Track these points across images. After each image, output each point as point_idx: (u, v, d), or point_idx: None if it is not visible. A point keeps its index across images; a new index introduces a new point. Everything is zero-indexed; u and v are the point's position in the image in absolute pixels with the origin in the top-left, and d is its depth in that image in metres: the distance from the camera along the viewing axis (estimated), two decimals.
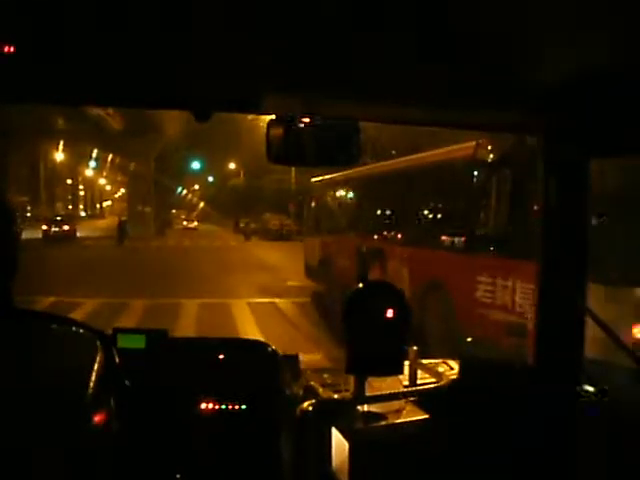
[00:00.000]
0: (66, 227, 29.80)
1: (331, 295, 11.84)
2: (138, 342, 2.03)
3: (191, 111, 1.92)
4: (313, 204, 15.44)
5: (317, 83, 1.78)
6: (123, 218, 35.41)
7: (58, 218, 32.02)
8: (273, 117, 1.95)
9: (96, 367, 1.42)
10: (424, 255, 8.52)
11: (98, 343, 1.52)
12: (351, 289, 1.88)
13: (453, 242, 7.70)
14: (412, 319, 1.84)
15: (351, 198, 13.33)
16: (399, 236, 9.94)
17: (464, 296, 7.15)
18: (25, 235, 25.15)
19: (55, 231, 28.94)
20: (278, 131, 1.94)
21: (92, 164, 54.35)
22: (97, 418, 1.36)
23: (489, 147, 6.89)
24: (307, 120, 1.91)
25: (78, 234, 31.32)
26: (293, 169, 21.01)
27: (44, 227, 28.76)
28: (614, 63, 1.53)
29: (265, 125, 1.95)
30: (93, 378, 1.37)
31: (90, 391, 1.35)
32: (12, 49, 1.44)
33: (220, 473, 1.98)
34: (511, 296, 6.39)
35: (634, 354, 1.86)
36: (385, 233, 10.50)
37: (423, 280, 8.19)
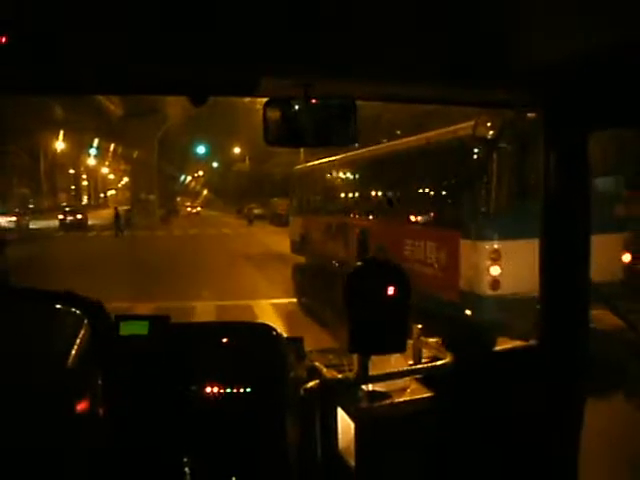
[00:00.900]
0: (79, 216, 34.86)
1: (309, 265, 15.69)
2: (141, 328, 2.08)
3: (187, 96, 1.96)
4: (294, 190, 18.45)
5: (312, 64, 1.81)
6: (120, 208, 37.06)
7: (68, 209, 36.80)
8: (269, 99, 1.99)
9: (79, 352, 1.38)
10: (372, 226, 11.91)
11: (84, 322, 1.48)
12: (351, 268, 1.92)
13: (389, 217, 11.25)
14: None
15: (322, 184, 16.04)
16: (357, 214, 13.02)
17: (398, 253, 9.84)
18: (42, 224, 30.51)
19: (70, 219, 34.00)
20: (275, 113, 1.97)
21: (93, 152, 54.29)
22: (80, 406, 1.34)
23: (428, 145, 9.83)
24: (304, 101, 1.94)
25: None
26: (302, 152, 21.60)
27: (60, 216, 33.95)
28: (612, 39, 1.54)
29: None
30: (75, 363, 1.33)
31: (71, 378, 1.32)
32: (4, 39, 1.45)
33: (227, 457, 2.03)
34: (424, 252, 9.25)
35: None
36: (348, 212, 13.48)
37: (376, 243, 11.34)
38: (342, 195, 14.54)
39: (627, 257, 8.23)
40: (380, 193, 12.23)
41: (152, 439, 1.97)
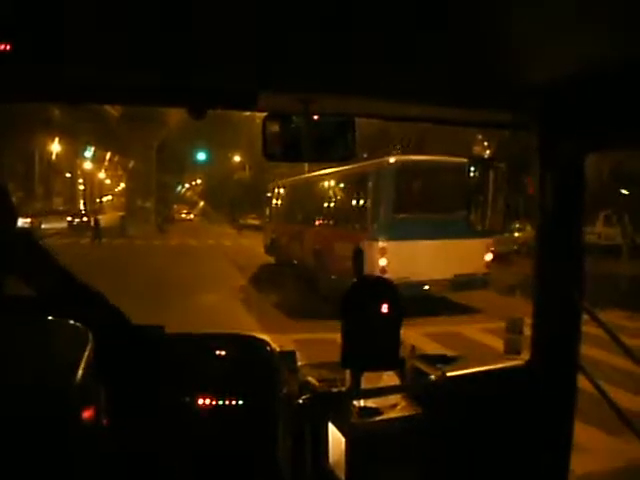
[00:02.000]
0: (85, 219, 42.12)
1: (277, 265, 19.72)
2: None
3: (186, 108, 2.02)
4: (266, 203, 23.20)
5: (312, 81, 1.87)
6: (117, 214, 37.74)
7: (75, 213, 44.74)
8: (269, 114, 2.05)
9: (85, 361, 1.41)
10: (318, 231, 15.94)
11: (90, 336, 1.51)
12: (347, 285, 1.97)
13: (325, 225, 15.77)
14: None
15: (283, 199, 21.02)
16: (305, 222, 17.12)
17: (328, 252, 14.45)
18: (52, 225, 34.58)
19: (77, 221, 41.18)
20: (274, 128, 2.03)
21: (88, 154, 54.22)
22: (86, 414, 1.36)
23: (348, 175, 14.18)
24: (303, 117, 2.00)
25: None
26: (305, 163, 22.25)
27: (69, 219, 41.44)
28: (609, 60, 1.60)
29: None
30: (81, 372, 1.36)
31: (78, 385, 1.34)
32: (8, 47, 1.50)
33: (218, 469, 2.07)
34: (346, 248, 13.08)
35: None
36: (300, 221, 17.84)
37: (316, 244, 15.57)
38: (296, 208, 19.03)
39: (490, 256, 12.49)
40: (319, 207, 16.54)
41: (142, 449, 2.01)
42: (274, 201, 21.95)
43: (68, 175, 61.66)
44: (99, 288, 2.11)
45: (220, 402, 2.10)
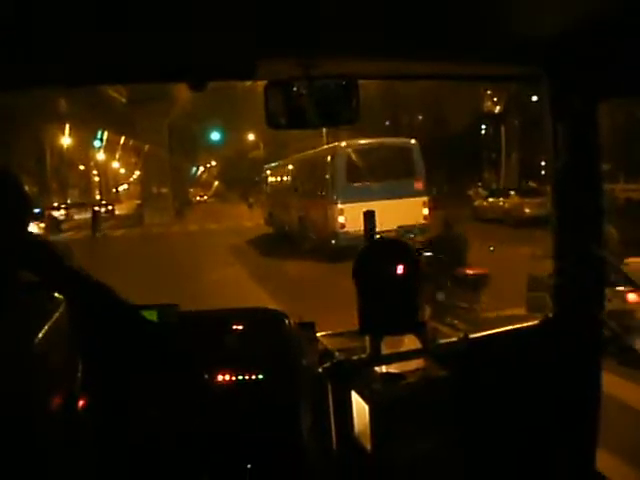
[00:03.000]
0: (110, 207, 48.07)
1: (275, 233, 23.96)
2: (150, 317, 2.16)
3: (186, 82, 2.03)
4: (264, 182, 28.32)
5: (311, 44, 1.87)
6: (134, 202, 39.28)
7: (102, 202, 50.01)
8: (270, 82, 2.05)
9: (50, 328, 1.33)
10: (299, 202, 20.31)
11: (62, 305, 1.43)
12: (360, 248, 1.98)
13: (303, 198, 19.99)
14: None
15: (274, 179, 26.30)
16: (291, 197, 21.47)
17: (307, 218, 19.02)
18: (83, 216, 38.28)
19: (103, 211, 43.57)
20: (276, 96, 2.03)
21: (97, 143, 54.56)
22: (55, 400, 1.30)
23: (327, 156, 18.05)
24: (305, 82, 2.00)
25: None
26: (324, 134, 24.29)
27: (95, 208, 41.62)
28: (614, 8, 1.58)
29: None
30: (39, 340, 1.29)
31: (44, 375, 1.28)
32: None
33: (240, 444, 2.11)
34: (319, 211, 17.58)
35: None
36: (287, 196, 22.11)
37: (299, 212, 20.02)
38: (282, 186, 24.06)
39: (426, 211, 16.52)
40: (298, 184, 21.24)
41: (164, 427, 2.05)
42: (268, 181, 27.39)
43: (82, 167, 62.18)
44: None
45: (240, 377, 2.13)
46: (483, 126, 32.83)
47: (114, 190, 75.13)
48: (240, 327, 2.22)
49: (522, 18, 1.73)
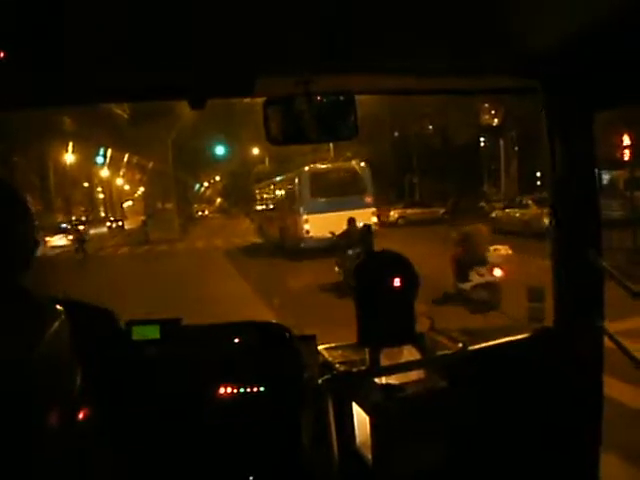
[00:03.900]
0: (120, 223, 54.22)
1: (263, 242, 27.39)
2: (153, 332, 2.21)
3: (186, 100, 2.09)
4: (253, 198, 33.20)
5: (309, 60, 1.91)
6: (139, 218, 41.20)
7: (112, 219, 57.41)
8: (269, 99, 2.10)
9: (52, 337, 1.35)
10: (279, 216, 24.60)
11: (62, 315, 1.45)
12: (357, 261, 2.03)
13: (281, 212, 24.57)
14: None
15: (261, 196, 30.80)
16: (275, 211, 26.02)
17: (284, 228, 23.49)
18: (97, 231, 43.50)
19: (114, 226, 52.23)
20: (275, 112, 2.08)
21: (100, 160, 55.04)
22: (53, 416, 1.31)
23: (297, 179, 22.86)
24: (304, 98, 2.05)
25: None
26: (331, 147, 29.97)
27: (108, 224, 53.17)
28: (608, 19, 1.62)
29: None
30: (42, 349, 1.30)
31: (44, 385, 1.29)
32: (1, 54, 1.54)
33: (243, 456, 2.15)
34: (290, 221, 22.64)
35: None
36: (270, 210, 27.30)
37: (280, 224, 23.98)
38: (266, 202, 29.05)
39: (375, 219, 20.83)
40: (277, 200, 26.21)
41: (167, 441, 2.09)
42: (257, 198, 31.95)
43: (86, 184, 62.55)
44: None
45: (242, 390, 2.17)
46: (482, 139, 33.52)
47: (119, 206, 75.51)
48: (242, 340, 2.26)
49: (519, 31, 1.78)
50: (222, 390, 2.18)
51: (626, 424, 3.91)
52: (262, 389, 2.18)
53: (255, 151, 52.38)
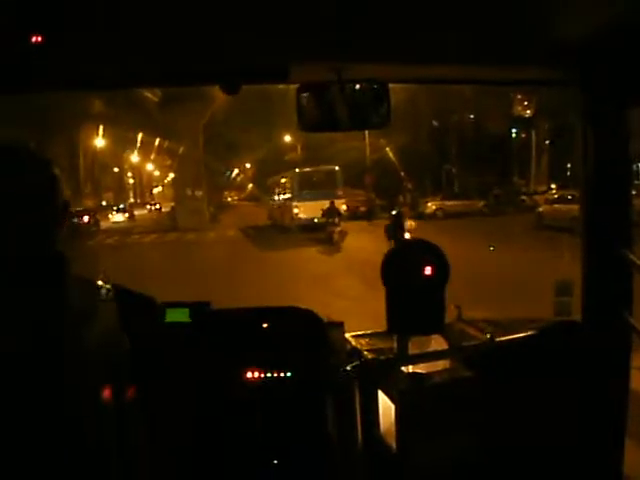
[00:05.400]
0: (157, 206, 62.79)
1: (272, 225, 35.02)
2: (183, 315, 2.28)
3: (219, 85, 2.14)
4: (268, 190, 41.44)
5: (343, 48, 1.95)
6: (168, 204, 44.43)
7: (152, 202, 68.10)
8: (301, 85, 2.15)
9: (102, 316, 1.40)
10: (280, 204, 35.38)
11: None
12: (388, 249, 2.08)
13: (283, 201, 34.75)
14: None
15: (271, 189, 39.63)
16: (277, 200, 36.79)
17: (285, 214, 33.15)
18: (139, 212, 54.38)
19: (153, 209, 61.87)
20: (308, 99, 2.13)
21: (135, 145, 55.81)
22: (106, 392, 1.36)
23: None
24: (336, 85, 2.09)
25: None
26: (367, 134, 34.19)
27: (148, 207, 63.65)
28: None
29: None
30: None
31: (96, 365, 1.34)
32: (40, 38, 1.61)
33: (267, 440, 2.21)
34: (285, 209, 33.19)
35: None
36: (275, 200, 37.57)
37: (281, 210, 34.42)
38: (274, 193, 37.37)
39: (344, 207, 29.41)
40: (278, 192, 35.32)
41: (194, 423, 2.17)
42: (269, 190, 40.85)
43: (116, 169, 63.38)
44: None
45: (269, 375, 2.23)
46: (513, 130, 33.85)
47: (148, 192, 76.38)
48: (271, 325, 2.33)
49: (555, 21, 1.79)
50: (249, 374, 2.24)
51: None
52: (289, 374, 2.24)
53: (287, 138, 52.34)
